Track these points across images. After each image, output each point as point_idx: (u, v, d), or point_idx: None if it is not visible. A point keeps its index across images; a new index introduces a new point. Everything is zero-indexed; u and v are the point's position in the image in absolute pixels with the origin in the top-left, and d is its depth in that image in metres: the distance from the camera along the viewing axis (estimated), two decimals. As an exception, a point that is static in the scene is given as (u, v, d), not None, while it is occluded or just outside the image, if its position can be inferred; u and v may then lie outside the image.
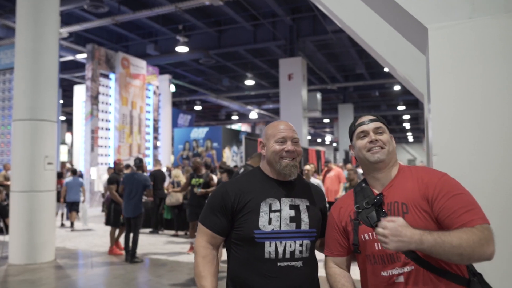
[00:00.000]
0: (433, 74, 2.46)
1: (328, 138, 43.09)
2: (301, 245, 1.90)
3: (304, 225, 1.95)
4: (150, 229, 10.70)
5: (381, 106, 31.78)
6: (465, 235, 1.52)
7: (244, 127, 36.10)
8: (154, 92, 20.65)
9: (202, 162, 8.76)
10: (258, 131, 35.42)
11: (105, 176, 13.00)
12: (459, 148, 2.36)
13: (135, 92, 18.93)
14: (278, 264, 1.86)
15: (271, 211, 1.92)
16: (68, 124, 30.99)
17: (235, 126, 33.80)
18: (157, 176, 10.53)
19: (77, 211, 11.80)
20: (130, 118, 18.64)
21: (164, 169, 13.74)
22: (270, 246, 1.86)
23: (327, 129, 43.72)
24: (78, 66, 20.44)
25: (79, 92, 20.50)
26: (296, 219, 1.94)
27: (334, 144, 30.72)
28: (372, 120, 1.84)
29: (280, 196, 1.97)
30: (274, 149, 1.98)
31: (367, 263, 1.78)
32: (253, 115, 31.59)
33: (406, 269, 1.66)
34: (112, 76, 17.65)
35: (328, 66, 22.00)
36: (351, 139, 1.91)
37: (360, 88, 26.80)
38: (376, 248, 1.70)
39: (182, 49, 17.12)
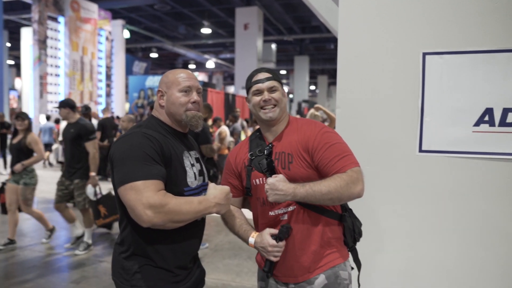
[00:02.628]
0: (341, 30, 2.66)
1: (284, 90, 43.38)
2: None
3: (206, 177, 2.00)
4: (99, 176, 10.77)
5: (336, 59, 32.01)
6: (333, 182, 1.76)
7: (201, 76, 35.73)
8: (107, 38, 20.04)
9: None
10: (215, 80, 35.19)
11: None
12: (361, 102, 2.61)
13: (86, 37, 18.31)
14: (197, 219, 1.84)
15: (191, 165, 1.88)
16: (17, 68, 29.71)
17: (192, 75, 33.31)
18: (106, 125, 10.49)
19: (50, 151, 13.17)
20: (81, 64, 18.12)
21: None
22: None
23: (284, 81, 43.94)
24: (24, 7, 19.39)
25: (27, 35, 19.61)
26: (201, 172, 1.96)
27: (291, 96, 31.12)
28: (268, 79, 1.96)
29: (188, 149, 1.93)
30: (180, 101, 1.85)
31: (258, 205, 2.01)
32: (210, 64, 31.26)
33: (290, 208, 1.91)
34: (61, 19, 16.94)
35: (285, 17, 21.87)
36: (247, 93, 2.05)
37: (316, 40, 26.87)
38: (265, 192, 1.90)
39: (135, -7, 16.58)
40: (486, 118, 2.35)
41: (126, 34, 22.22)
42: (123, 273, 1.82)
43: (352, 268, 2.05)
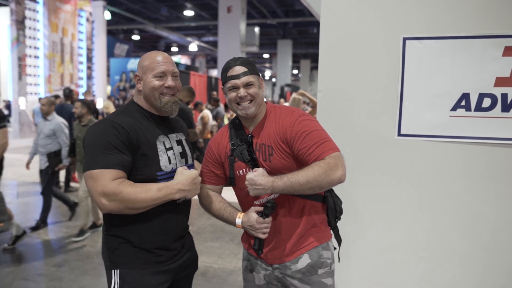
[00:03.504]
0: (323, 14, 2.66)
1: (267, 74, 43.27)
2: None
3: (189, 159, 2.04)
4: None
5: (318, 43, 31.98)
6: (310, 171, 1.74)
7: (184, 60, 35.42)
8: (87, 19, 19.67)
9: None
10: (198, 64, 34.93)
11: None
12: (342, 86, 2.63)
13: (66, 18, 17.95)
14: (177, 201, 1.89)
15: (166, 149, 1.90)
16: (-6, 49, 28.98)
17: (174, 59, 32.95)
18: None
19: None
20: (61, 46, 17.79)
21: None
22: None
23: (267, 64, 43.75)
24: (1, -14, 18.94)
25: (4, 16, 19.12)
26: (184, 154, 2.00)
27: (273, 80, 31.02)
28: (244, 74, 1.90)
29: (167, 132, 1.96)
30: (153, 85, 1.87)
31: (242, 194, 2.03)
32: (193, 47, 30.97)
33: (273, 196, 1.91)
34: (39, -1, 16.58)
35: (269, 0, 21.72)
36: (223, 85, 2.00)
37: (299, 24, 26.77)
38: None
39: (115, -27, 16.27)
40: (463, 103, 2.39)
41: (107, 15, 21.85)
42: (105, 250, 1.92)
43: (335, 248, 2.11)
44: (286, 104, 12.33)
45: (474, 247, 2.45)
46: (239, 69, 1.91)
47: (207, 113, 7.72)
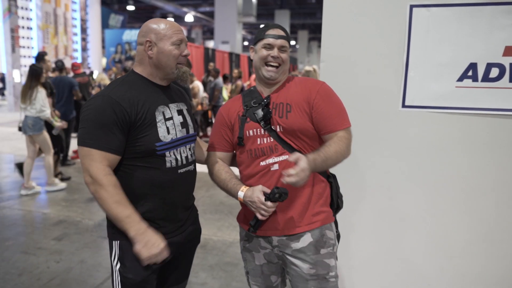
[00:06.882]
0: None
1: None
2: (190, 148, 1.96)
3: (191, 129, 2.00)
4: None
5: (317, 13, 31.58)
6: (338, 148, 1.85)
7: (180, 31, 34.83)
8: (80, -11, 19.24)
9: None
10: (194, 35, 34.42)
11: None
12: (346, 56, 2.56)
13: (58, -12, 17.54)
14: (179, 171, 1.89)
15: (165, 119, 1.87)
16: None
17: (170, 29, 32.46)
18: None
19: None
20: (54, 16, 17.42)
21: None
22: (170, 155, 1.85)
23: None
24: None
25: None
26: (184, 124, 1.96)
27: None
28: (281, 37, 1.93)
29: (167, 102, 1.92)
30: (173, 54, 1.83)
31: (248, 156, 1.97)
32: (189, 18, 30.42)
33: (282, 158, 1.88)
34: (30, -32, 16.14)
35: (266, -31, 21.30)
36: (255, 43, 2.00)
37: (297, -7, 26.32)
38: (258, 143, 1.91)
39: None
40: (470, 73, 2.33)
41: (101, -15, 21.36)
42: (108, 221, 1.90)
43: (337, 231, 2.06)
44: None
45: (475, 218, 2.43)
46: (278, 31, 1.95)
47: (197, 84, 7.56)
